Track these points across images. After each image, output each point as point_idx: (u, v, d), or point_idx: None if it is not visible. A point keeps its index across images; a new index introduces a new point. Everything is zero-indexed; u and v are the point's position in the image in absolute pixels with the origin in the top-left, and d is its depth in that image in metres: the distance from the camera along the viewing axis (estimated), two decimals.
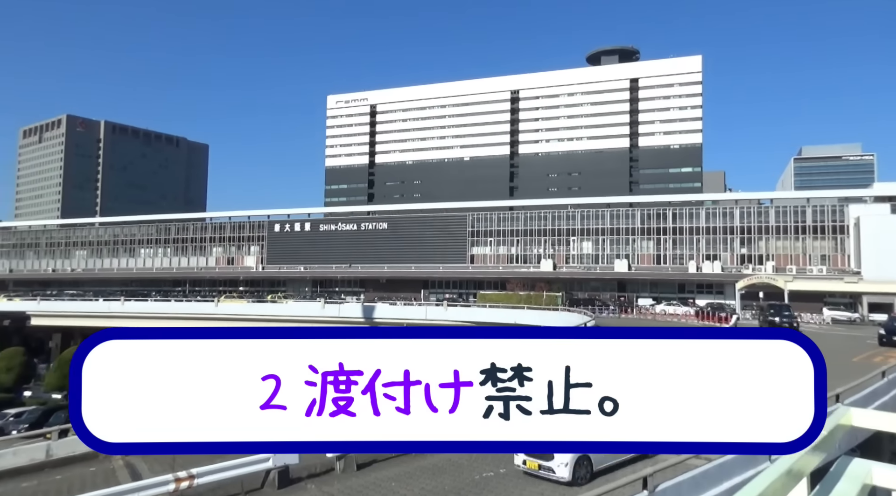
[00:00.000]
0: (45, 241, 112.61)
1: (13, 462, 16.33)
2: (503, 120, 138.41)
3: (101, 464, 16.06)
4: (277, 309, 64.49)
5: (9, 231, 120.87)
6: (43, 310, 72.38)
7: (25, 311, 72.24)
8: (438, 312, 55.57)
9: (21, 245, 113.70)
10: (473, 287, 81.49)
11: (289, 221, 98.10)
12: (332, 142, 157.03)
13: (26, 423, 41.09)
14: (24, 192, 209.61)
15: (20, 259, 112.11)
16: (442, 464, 13.14)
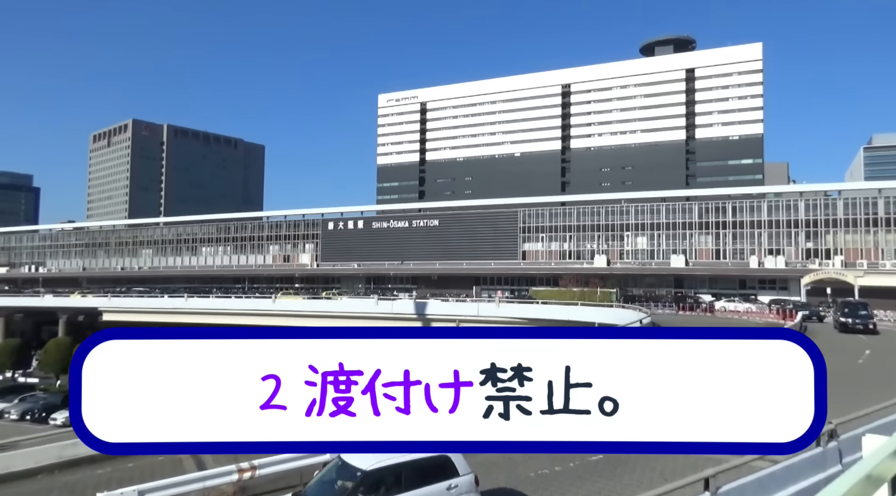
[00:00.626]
0: (114, 240, 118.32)
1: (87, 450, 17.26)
2: (554, 114, 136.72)
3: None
4: (332, 305, 65.77)
5: (82, 231, 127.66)
6: (113, 306, 76.02)
7: (98, 307, 76.04)
8: (491, 309, 55.52)
9: (93, 244, 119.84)
10: (525, 284, 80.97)
11: (342, 219, 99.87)
12: (384, 140, 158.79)
13: None
14: (95, 193, 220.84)
15: (92, 258, 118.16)
16: (495, 459, 13.15)
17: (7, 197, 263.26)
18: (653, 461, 12.45)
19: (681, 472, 11.37)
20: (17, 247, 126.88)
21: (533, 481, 11.64)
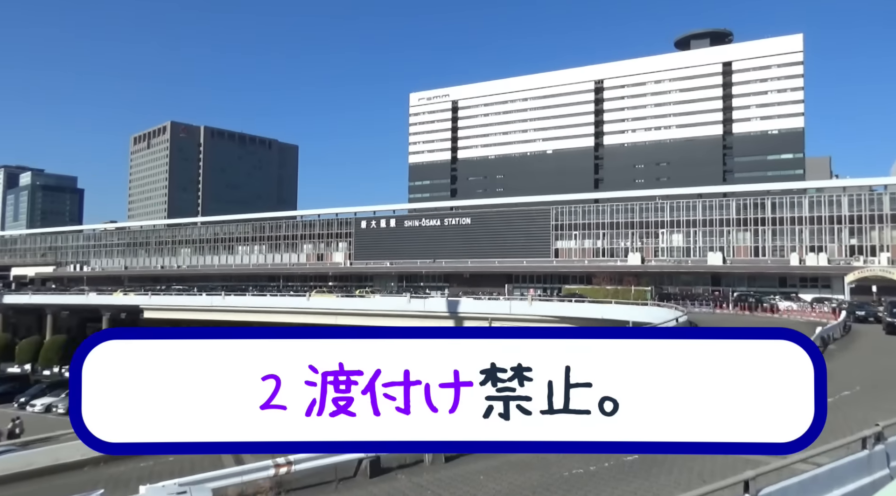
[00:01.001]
0: (154, 240, 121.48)
1: None
2: (587, 111, 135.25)
3: None
4: (365, 303, 66.35)
5: (123, 231, 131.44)
6: (154, 304, 78.07)
7: (139, 305, 78.22)
8: (523, 307, 55.29)
9: (134, 244, 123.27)
10: (558, 281, 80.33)
11: (374, 218, 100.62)
12: (415, 138, 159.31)
13: None
14: (136, 194, 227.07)
15: (133, 257, 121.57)
16: (529, 459, 13.12)
17: (53, 198, 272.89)
18: (690, 461, 12.27)
19: (720, 473, 11.17)
20: (62, 246, 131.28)
21: (567, 480, 11.57)
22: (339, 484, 12.66)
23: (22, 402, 51.40)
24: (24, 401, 51.49)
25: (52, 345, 66.98)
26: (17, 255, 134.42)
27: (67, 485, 14.22)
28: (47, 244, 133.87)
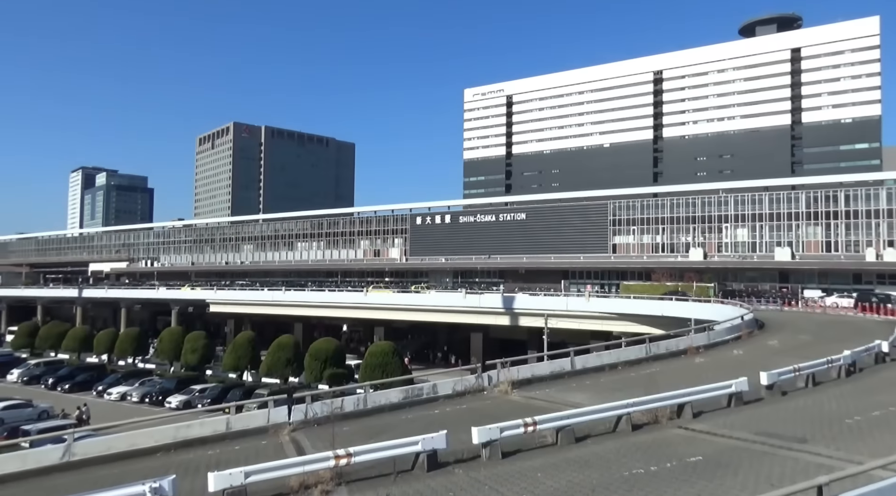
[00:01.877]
0: (218, 236, 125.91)
1: (200, 432, 18.61)
2: (645, 103, 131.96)
3: (271, 439, 17.76)
4: (421, 299, 66.84)
5: (190, 228, 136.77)
6: (219, 298, 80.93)
7: (205, 299, 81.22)
8: (580, 303, 54.51)
9: (200, 241, 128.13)
10: (616, 278, 78.81)
11: (430, 214, 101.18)
12: (470, 134, 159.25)
13: (209, 398, 46.63)
14: (201, 193, 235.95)
15: (199, 253, 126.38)
16: (588, 457, 12.94)
17: (126, 198, 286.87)
18: (758, 465, 11.84)
19: (790, 478, 10.74)
20: (134, 243, 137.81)
21: (627, 480, 11.36)
22: (396, 476, 12.79)
23: (99, 390, 54.42)
24: (102, 389, 54.48)
25: (126, 337, 70.35)
26: (94, 252, 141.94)
27: (142, 469, 14.89)
28: (121, 241, 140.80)
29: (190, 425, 19.64)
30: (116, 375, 58.75)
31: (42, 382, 58.75)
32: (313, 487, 12.26)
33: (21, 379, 60.48)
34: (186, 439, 18.13)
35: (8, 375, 62.01)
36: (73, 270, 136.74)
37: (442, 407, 20.22)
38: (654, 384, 18.48)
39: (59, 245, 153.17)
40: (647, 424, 15.31)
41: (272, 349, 55.79)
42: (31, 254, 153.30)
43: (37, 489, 14.55)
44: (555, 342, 51.14)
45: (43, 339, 76.58)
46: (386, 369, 45.17)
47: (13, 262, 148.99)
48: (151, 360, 68.79)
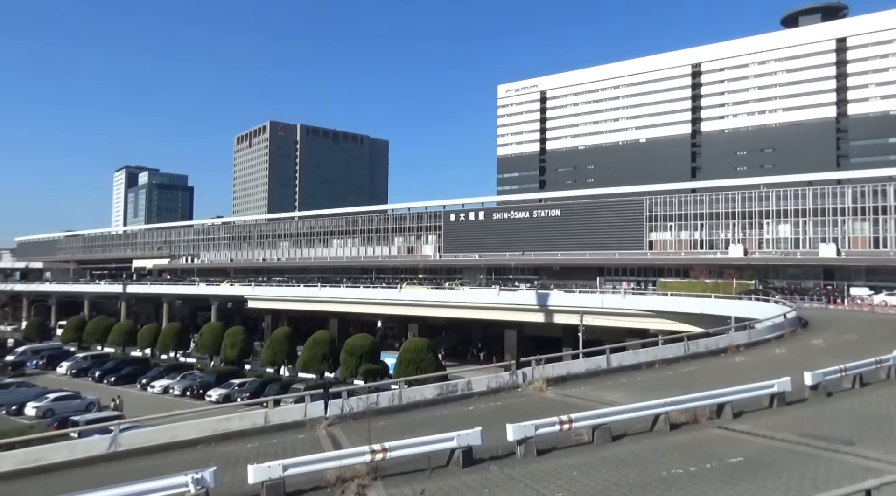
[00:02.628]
0: (256, 233, 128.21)
1: (240, 425, 19.04)
2: (683, 96, 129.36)
3: (308, 433, 18.05)
4: (455, 295, 66.92)
5: (229, 225, 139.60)
6: (257, 294, 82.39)
7: (243, 295, 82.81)
8: (616, 300, 53.87)
9: (238, 237, 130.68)
10: (652, 274, 77.56)
11: (463, 211, 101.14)
12: (503, 131, 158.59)
13: (247, 392, 47.59)
14: (239, 191, 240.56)
15: (238, 250, 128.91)
16: (625, 456, 12.79)
17: (167, 196, 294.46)
18: (802, 467, 11.53)
19: (836, 481, 10.43)
20: (175, 240, 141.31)
21: (665, 480, 11.18)
22: (431, 472, 12.84)
23: (143, 384, 56.03)
24: (145, 382, 56.09)
25: (168, 331, 72.26)
26: (137, 249, 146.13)
27: (184, 460, 15.27)
28: (162, 238, 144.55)
29: (230, 418, 20.07)
30: (159, 369, 60.41)
31: (89, 375, 60.82)
32: (350, 481, 12.40)
33: (70, 371, 62.75)
34: (226, 432, 18.55)
35: (58, 368, 64.43)
36: (118, 267, 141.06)
37: (476, 403, 20.23)
38: (693, 383, 18.13)
39: (104, 242, 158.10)
40: (685, 424, 15.05)
41: (308, 344, 56.64)
42: (78, 250, 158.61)
43: (85, 478, 15.03)
44: (590, 339, 50.65)
45: (90, 333, 79.31)
46: (420, 365, 45.43)
47: (61, 259, 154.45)
48: (192, 355, 70.54)
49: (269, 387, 48.33)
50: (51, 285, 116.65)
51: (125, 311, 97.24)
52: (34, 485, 14.93)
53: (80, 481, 14.36)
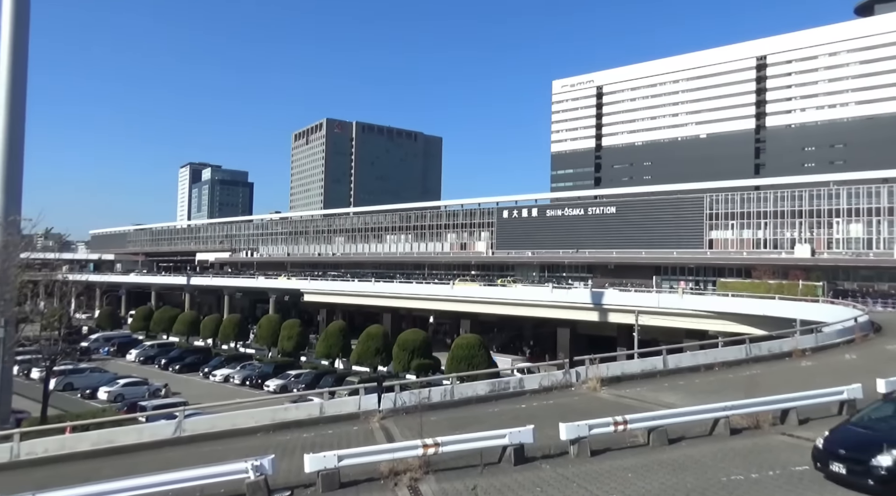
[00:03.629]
0: (312, 229, 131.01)
1: (296, 415, 19.60)
2: (747, 90, 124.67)
3: (362, 425, 18.38)
4: (507, 292, 66.67)
5: (286, 220, 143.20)
6: (312, 288, 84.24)
7: (300, 289, 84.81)
8: (673, 300, 52.52)
9: (295, 232, 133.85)
10: (712, 274, 75.11)
11: (516, 207, 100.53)
12: (558, 127, 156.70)
13: (303, 383, 48.80)
14: (296, 187, 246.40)
15: (294, 244, 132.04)
16: (682, 460, 12.48)
17: (228, 191, 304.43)
18: None
19: None
20: (236, 234, 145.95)
21: (725, 486, 10.86)
22: (483, 468, 12.85)
23: (205, 372, 58.25)
24: (207, 371, 58.30)
25: (229, 322, 74.80)
26: (200, 242, 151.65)
27: (243, 447, 15.82)
28: (224, 232, 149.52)
29: (287, 408, 20.68)
30: (220, 358, 62.67)
31: (156, 362, 63.72)
32: (402, 474, 12.55)
33: (138, 359, 65.90)
34: (283, 421, 19.12)
35: (127, 355, 67.77)
36: (182, 259, 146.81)
37: (528, 401, 20.13)
38: (755, 387, 17.51)
39: (169, 235, 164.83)
40: (746, 429, 14.58)
41: (362, 338, 57.64)
42: (146, 243, 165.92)
43: (151, 460, 15.74)
44: (645, 340, 49.62)
45: (156, 323, 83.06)
46: (472, 362, 45.53)
47: (131, 251, 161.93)
48: (251, 345, 72.88)
49: (324, 379, 49.42)
50: (121, 276, 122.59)
51: (189, 302, 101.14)
52: (107, 464, 15.75)
53: (148, 463, 15.05)
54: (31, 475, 15.11)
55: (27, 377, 49.33)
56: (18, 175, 27.03)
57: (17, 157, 27.00)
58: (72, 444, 17.89)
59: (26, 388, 40.45)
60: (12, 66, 26.72)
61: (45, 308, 30.87)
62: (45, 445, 17.56)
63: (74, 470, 14.89)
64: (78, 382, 49.56)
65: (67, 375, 49.12)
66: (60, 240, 67.98)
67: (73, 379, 49.64)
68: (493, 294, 66.80)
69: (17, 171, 26.95)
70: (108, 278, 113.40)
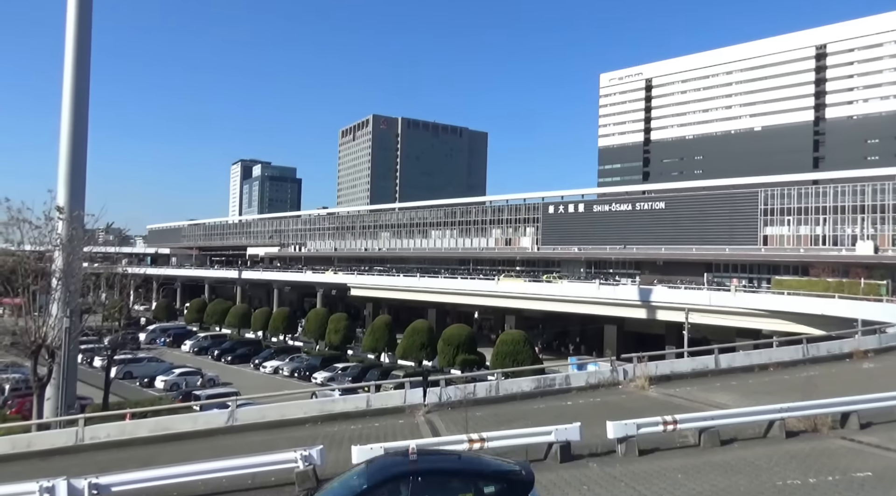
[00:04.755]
0: (358, 224, 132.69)
1: (343, 407, 19.96)
2: (805, 81, 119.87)
3: (408, 418, 18.58)
4: (553, 288, 66.07)
5: (333, 216, 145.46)
6: (359, 282, 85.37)
7: (346, 283, 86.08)
8: (725, 298, 51.07)
9: (342, 228, 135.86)
10: (766, 272, 72.66)
11: (562, 203, 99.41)
12: (605, 121, 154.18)
13: (350, 377, 49.58)
14: (343, 182, 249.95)
15: (341, 239, 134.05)
16: (735, 462, 12.17)
17: (278, 187, 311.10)
18: None
19: None
20: (285, 229, 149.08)
21: (781, 490, 10.53)
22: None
23: (256, 364, 59.86)
24: (258, 362, 59.89)
25: (278, 316, 76.55)
26: (251, 237, 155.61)
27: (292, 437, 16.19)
28: (273, 227, 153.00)
29: (334, 400, 21.09)
30: (270, 350, 64.28)
31: (209, 353, 65.80)
32: None
33: (192, 349, 68.22)
34: (331, 413, 19.49)
35: (182, 346, 70.26)
36: (234, 253, 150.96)
37: (574, 398, 19.97)
38: (813, 389, 16.90)
39: (222, 230, 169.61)
40: (803, 432, 14.10)
41: (407, 333, 58.17)
42: (199, 238, 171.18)
43: (206, 447, 16.28)
44: (696, 338, 48.46)
45: (209, 315, 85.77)
46: (517, 358, 45.37)
47: (185, 246, 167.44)
48: (299, 338, 74.43)
49: (370, 372, 50.10)
50: (176, 270, 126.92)
51: (240, 295, 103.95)
52: (164, 450, 16.39)
53: (202, 450, 15.57)
54: (94, 458, 15.81)
55: (90, 365, 51.69)
56: (82, 173, 28.24)
57: (81, 157, 28.21)
58: (131, 430, 18.68)
59: (89, 376, 42.36)
60: (76, 70, 27.92)
61: (107, 299, 32.18)
62: (107, 430, 18.38)
63: (134, 454, 15.54)
64: (136, 371, 51.68)
65: (127, 364, 51.24)
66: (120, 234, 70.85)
67: (132, 368, 51.79)
68: (538, 290, 66.30)
69: (81, 170, 28.16)
70: (164, 271, 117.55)
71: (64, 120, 27.80)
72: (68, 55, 27.97)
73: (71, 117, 27.66)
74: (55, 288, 25.20)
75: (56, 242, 25.69)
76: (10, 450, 17.17)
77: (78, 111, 27.85)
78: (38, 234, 25.85)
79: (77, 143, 27.81)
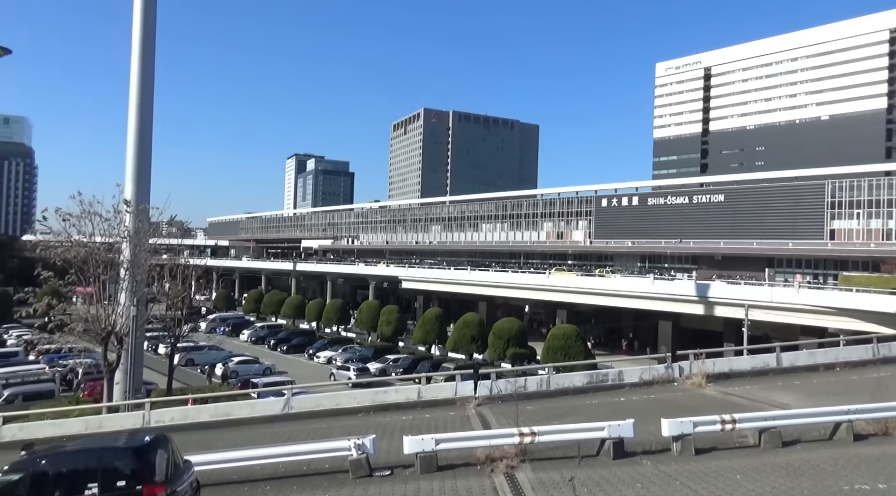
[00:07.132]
0: (409, 217, 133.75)
1: (395, 398, 20.27)
2: (878, 66, 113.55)
3: (458, 410, 18.71)
4: (605, 283, 65.02)
5: (385, 209, 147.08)
6: (410, 275, 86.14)
7: (398, 276, 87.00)
8: (788, 295, 49.10)
9: (393, 221, 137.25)
10: (833, 267, 69.43)
11: (616, 196, 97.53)
12: (661, 112, 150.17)
13: (401, 368, 50.15)
14: (395, 176, 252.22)
15: (393, 232, 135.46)
16: (798, 464, 11.75)
17: (331, 181, 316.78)
18: None
19: None
20: (338, 223, 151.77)
21: (847, 495, 10.12)
22: (581, 460, 12.70)
23: (310, 354, 61.27)
24: (312, 352, 61.29)
25: (331, 307, 78.12)
26: (305, 230, 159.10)
27: (346, 426, 16.54)
28: (326, 220, 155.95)
29: (386, 391, 21.41)
30: (323, 341, 65.70)
31: (265, 343, 67.79)
32: (499, 461, 12.66)
33: (250, 339, 70.42)
34: (383, 403, 19.81)
35: (240, 335, 72.63)
36: (289, 246, 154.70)
37: (627, 395, 19.69)
38: (884, 390, 16.12)
39: (277, 223, 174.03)
40: (873, 435, 13.48)
41: (458, 326, 58.38)
42: (256, 231, 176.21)
43: (263, 433, 16.82)
44: (756, 335, 46.86)
45: (266, 306, 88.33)
46: (568, 353, 44.92)
47: (243, 238, 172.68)
48: (352, 329, 75.78)
49: (421, 364, 50.52)
50: (235, 261, 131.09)
51: (295, 287, 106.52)
52: (224, 435, 17.03)
53: (259, 436, 16.10)
54: None
55: (155, 352, 54.00)
56: (147, 168, 29.56)
57: (146, 152, 29.53)
58: (193, 415, 19.50)
59: (154, 363, 44.31)
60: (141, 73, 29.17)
61: (170, 290, 33.52)
62: (171, 414, 19.25)
63: (196, 438, 16.20)
64: (198, 359, 53.71)
65: (189, 352, 53.30)
66: (183, 227, 73.38)
67: (193, 355, 53.85)
68: (591, 284, 65.31)
69: (146, 165, 29.48)
70: (223, 263, 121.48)
71: (130, 121, 29.32)
72: (134, 63, 29.32)
73: (137, 118, 29.06)
74: (123, 278, 26.44)
75: (124, 234, 26.97)
76: (83, 430, 18.21)
77: (142, 113, 29.24)
78: (108, 226, 27.20)
79: (142, 142, 29.15)
